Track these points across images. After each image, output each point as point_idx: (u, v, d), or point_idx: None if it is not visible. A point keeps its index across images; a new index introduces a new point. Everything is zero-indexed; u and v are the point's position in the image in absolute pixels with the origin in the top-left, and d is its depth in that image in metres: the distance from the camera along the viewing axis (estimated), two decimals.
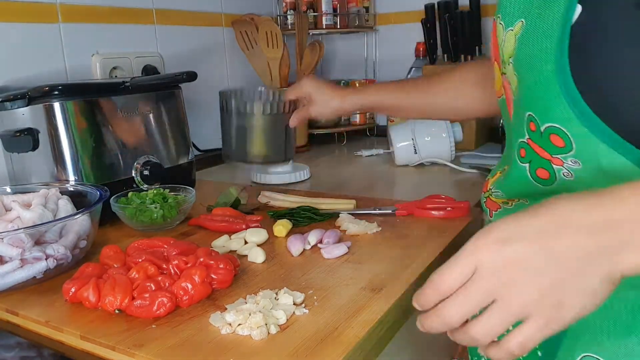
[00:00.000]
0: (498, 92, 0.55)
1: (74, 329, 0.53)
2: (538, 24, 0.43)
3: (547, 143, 0.44)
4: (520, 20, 0.45)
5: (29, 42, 0.96)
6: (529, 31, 0.44)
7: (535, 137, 0.45)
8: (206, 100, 1.37)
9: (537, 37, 0.43)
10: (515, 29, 0.46)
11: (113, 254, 0.66)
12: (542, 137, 0.44)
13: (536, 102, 0.43)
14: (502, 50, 0.49)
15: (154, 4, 1.19)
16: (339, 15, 1.54)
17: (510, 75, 0.48)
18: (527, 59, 0.44)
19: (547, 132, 0.43)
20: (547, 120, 0.43)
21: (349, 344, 0.49)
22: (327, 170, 1.25)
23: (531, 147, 0.46)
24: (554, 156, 0.44)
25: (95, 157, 0.85)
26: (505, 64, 0.49)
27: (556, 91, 0.41)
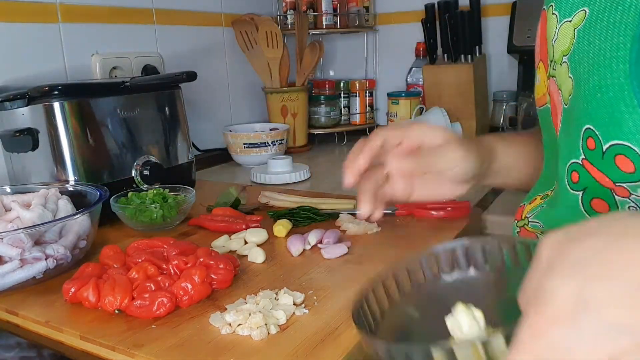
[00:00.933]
0: (539, 100, 0.47)
1: (74, 329, 0.53)
2: (609, 14, 0.35)
3: (610, 166, 0.35)
4: (583, 9, 0.37)
5: (28, 42, 0.96)
6: (595, 23, 0.36)
7: (593, 157, 0.36)
8: (206, 100, 1.37)
9: (606, 30, 0.35)
10: (575, 20, 0.38)
11: (113, 254, 0.66)
12: (604, 158, 0.35)
13: (600, 111, 0.35)
14: (552, 46, 0.41)
15: (154, 4, 1.19)
16: (339, 15, 1.54)
17: (562, 77, 0.40)
18: (592, 57, 0.36)
19: (611, 151, 0.35)
20: (612, 136, 0.34)
21: (349, 344, 0.49)
22: (327, 170, 1.25)
23: (587, 171, 0.38)
24: (618, 184, 0.36)
25: (95, 157, 0.85)
26: (556, 63, 0.41)
27: (629, 99, 0.33)
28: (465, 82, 1.35)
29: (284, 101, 1.43)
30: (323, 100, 1.55)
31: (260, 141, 1.29)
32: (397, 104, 1.44)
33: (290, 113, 1.44)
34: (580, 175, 0.39)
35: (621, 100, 0.33)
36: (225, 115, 1.45)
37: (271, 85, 1.45)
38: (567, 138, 0.40)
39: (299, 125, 1.46)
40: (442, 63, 1.40)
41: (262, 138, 1.29)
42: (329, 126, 1.57)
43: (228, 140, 1.31)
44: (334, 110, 1.57)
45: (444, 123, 1.19)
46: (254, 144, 1.28)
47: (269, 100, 1.46)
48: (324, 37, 1.68)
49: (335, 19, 1.54)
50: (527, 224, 0.50)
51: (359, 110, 1.62)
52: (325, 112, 1.55)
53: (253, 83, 1.51)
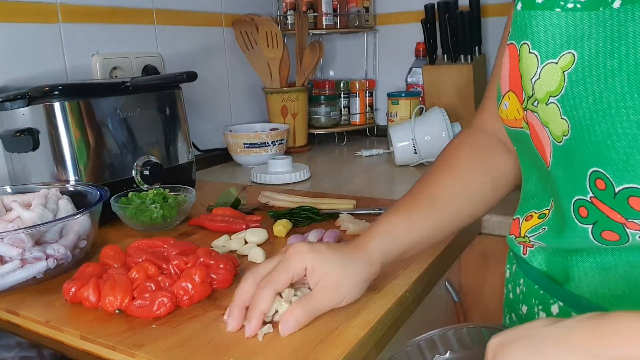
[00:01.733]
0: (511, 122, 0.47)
1: (74, 329, 0.53)
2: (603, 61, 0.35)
3: (623, 206, 0.37)
4: (570, 52, 0.37)
5: (29, 42, 0.96)
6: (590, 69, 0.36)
7: (604, 197, 0.38)
8: (206, 100, 1.37)
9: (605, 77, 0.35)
10: (562, 62, 0.38)
11: (113, 254, 0.66)
12: (616, 199, 0.37)
13: (612, 158, 0.36)
14: (532, 85, 0.41)
15: (154, 4, 1.19)
16: (339, 15, 1.54)
17: (550, 116, 0.40)
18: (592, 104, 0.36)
19: (624, 193, 0.36)
20: (627, 180, 0.35)
21: (349, 344, 0.49)
22: (327, 170, 1.25)
23: (597, 208, 0.39)
24: (631, 220, 0.37)
25: (95, 157, 0.86)
26: (539, 101, 0.41)
27: None
28: (465, 82, 1.35)
29: (284, 101, 1.43)
30: (323, 100, 1.56)
31: (260, 141, 1.29)
32: (397, 104, 1.44)
33: (290, 113, 1.44)
34: (589, 211, 0.40)
35: (635, 148, 0.34)
36: (225, 115, 1.45)
37: (271, 86, 1.45)
38: (567, 174, 0.40)
39: (299, 125, 1.46)
40: (442, 63, 1.40)
41: (262, 138, 1.29)
42: (329, 126, 1.57)
43: (228, 140, 1.31)
44: (334, 110, 1.57)
45: (444, 123, 1.20)
46: (254, 144, 1.29)
47: (269, 100, 1.46)
48: (324, 37, 1.68)
49: (335, 19, 1.54)
50: (528, 241, 0.51)
51: (359, 111, 1.62)
52: (325, 112, 1.55)
53: (253, 83, 1.51)
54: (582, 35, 0.36)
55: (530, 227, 0.50)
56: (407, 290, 0.60)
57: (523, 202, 0.53)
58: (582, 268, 0.45)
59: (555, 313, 0.48)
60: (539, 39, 0.39)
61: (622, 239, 0.39)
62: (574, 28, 0.38)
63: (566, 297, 0.47)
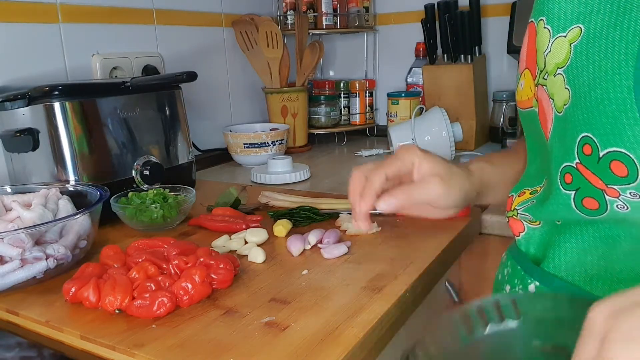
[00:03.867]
0: (523, 102, 0.50)
1: (74, 329, 0.53)
2: (607, 33, 0.38)
3: (605, 171, 0.38)
4: (578, 26, 0.40)
5: (29, 42, 0.96)
6: (593, 40, 0.39)
7: (589, 162, 0.39)
8: (206, 100, 1.37)
9: (605, 48, 0.37)
10: (570, 35, 0.40)
11: (113, 254, 0.66)
12: (600, 163, 0.39)
13: (601, 122, 0.38)
14: (545, 58, 0.44)
15: (154, 4, 1.19)
16: (339, 15, 1.54)
17: (556, 87, 0.42)
18: (592, 72, 0.38)
19: (607, 157, 0.38)
20: (612, 144, 0.37)
21: (349, 344, 0.49)
22: (327, 170, 1.25)
23: (581, 173, 0.41)
24: (610, 186, 0.39)
25: (95, 157, 0.86)
26: (548, 74, 0.43)
27: (632, 111, 0.36)
28: (465, 82, 1.35)
29: (284, 101, 1.43)
30: (323, 100, 1.56)
31: (260, 141, 1.29)
32: (397, 104, 1.45)
33: (290, 113, 1.44)
34: (573, 177, 0.42)
35: (623, 112, 0.36)
36: (225, 115, 1.45)
37: (271, 86, 1.45)
38: (560, 143, 0.43)
39: (299, 125, 1.46)
40: (442, 63, 1.40)
41: (262, 138, 1.29)
42: (329, 126, 1.57)
43: (228, 140, 1.31)
44: (334, 110, 1.57)
45: (444, 123, 1.20)
46: (254, 144, 1.29)
47: (269, 100, 1.46)
48: (324, 37, 1.69)
49: (335, 19, 1.54)
50: (516, 215, 0.54)
51: (359, 111, 1.62)
52: (325, 112, 1.55)
53: (253, 83, 1.51)
54: (591, 11, 0.39)
55: (521, 201, 0.53)
56: (407, 290, 0.60)
57: (520, 182, 0.56)
58: (563, 248, 0.47)
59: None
60: (553, 14, 0.42)
61: (601, 207, 0.41)
62: (585, 5, 0.40)
63: (542, 276, 0.49)
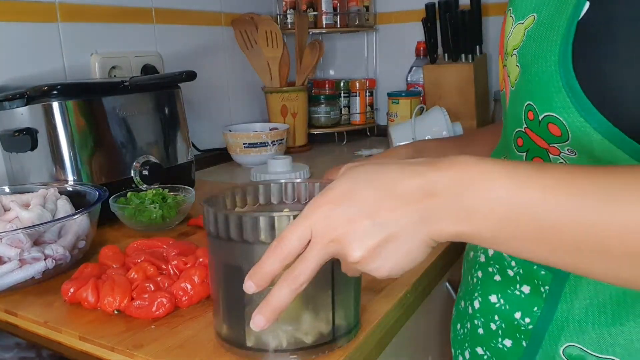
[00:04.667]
0: (500, 85, 0.57)
1: (73, 330, 0.53)
2: (549, 19, 0.44)
3: (545, 132, 0.45)
4: (533, 15, 0.46)
5: (27, 41, 0.96)
6: (541, 26, 0.45)
7: (533, 125, 0.46)
8: (206, 100, 1.37)
9: (546, 31, 0.44)
10: (526, 22, 0.47)
11: (112, 255, 0.66)
12: (540, 126, 0.45)
13: (537, 92, 0.44)
14: (507, 42, 0.50)
15: (153, 3, 1.19)
16: (339, 14, 1.54)
17: (511, 66, 0.49)
18: (534, 51, 0.45)
19: (545, 121, 0.44)
20: (546, 109, 0.44)
21: (349, 345, 0.48)
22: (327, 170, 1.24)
23: (529, 136, 0.47)
24: (551, 145, 0.45)
25: (94, 157, 0.85)
26: (507, 55, 0.50)
27: (557, 81, 0.42)
28: (465, 82, 1.35)
29: (283, 101, 1.43)
30: (323, 100, 1.55)
31: (260, 141, 1.28)
32: (398, 103, 1.44)
33: (290, 113, 1.44)
34: (524, 140, 0.48)
35: (552, 82, 0.42)
36: (225, 115, 1.45)
37: (271, 85, 1.45)
38: (513, 112, 0.49)
39: (298, 125, 1.46)
40: (443, 62, 1.40)
41: (262, 138, 1.29)
42: (329, 126, 1.56)
43: (228, 140, 1.31)
44: (334, 110, 1.56)
45: (444, 123, 1.19)
46: (253, 144, 1.28)
47: (268, 100, 1.46)
48: (324, 36, 1.68)
49: (335, 18, 1.54)
50: None
51: (359, 110, 1.61)
52: (325, 112, 1.55)
53: (253, 83, 1.51)
54: (544, 2, 0.46)
55: None
56: (408, 290, 0.60)
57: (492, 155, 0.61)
58: None
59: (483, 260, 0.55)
60: (517, 5, 0.49)
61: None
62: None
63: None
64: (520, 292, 0.50)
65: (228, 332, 0.47)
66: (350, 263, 0.37)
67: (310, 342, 0.45)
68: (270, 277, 0.39)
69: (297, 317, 0.44)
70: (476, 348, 0.55)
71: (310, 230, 0.38)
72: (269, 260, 0.39)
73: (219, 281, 0.47)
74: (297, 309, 0.44)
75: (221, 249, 0.46)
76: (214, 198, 0.52)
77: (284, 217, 0.42)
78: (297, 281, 0.38)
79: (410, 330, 0.64)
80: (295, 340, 0.45)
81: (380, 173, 0.37)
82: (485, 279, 0.55)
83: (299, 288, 0.38)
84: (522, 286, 0.50)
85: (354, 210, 0.36)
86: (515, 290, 0.50)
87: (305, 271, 0.38)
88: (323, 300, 0.45)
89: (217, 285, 0.48)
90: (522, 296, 0.50)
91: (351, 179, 0.38)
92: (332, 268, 0.40)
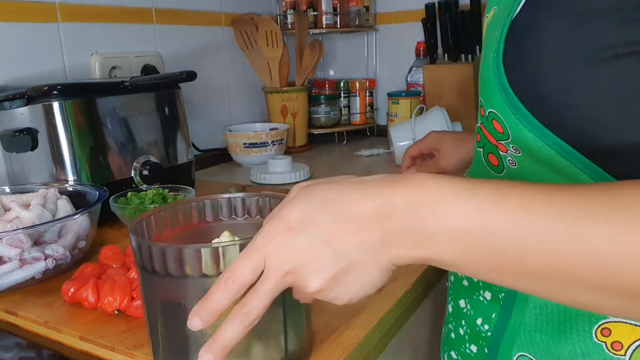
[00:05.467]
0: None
1: (73, 330, 0.53)
2: (500, 14, 0.43)
3: (491, 128, 0.44)
4: (494, 7, 0.46)
5: (28, 41, 0.96)
6: (493, 20, 0.45)
7: (484, 121, 0.45)
8: (206, 100, 1.37)
9: (495, 26, 0.43)
10: (489, 16, 0.47)
11: (112, 254, 0.66)
12: (488, 122, 0.44)
13: (482, 88, 0.44)
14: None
15: (153, 3, 1.19)
16: (339, 14, 1.54)
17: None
18: (485, 47, 0.45)
19: (490, 116, 0.44)
20: (489, 105, 0.43)
21: (350, 345, 0.48)
22: (327, 170, 1.24)
23: (483, 132, 0.47)
24: (499, 142, 0.44)
25: (94, 157, 0.85)
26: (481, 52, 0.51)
27: (494, 78, 0.41)
28: (465, 82, 1.35)
29: (283, 101, 1.43)
30: (323, 100, 1.55)
31: (260, 141, 1.28)
32: (397, 103, 1.44)
33: (290, 113, 1.44)
34: (480, 135, 0.48)
35: (491, 79, 0.42)
36: (225, 115, 1.45)
37: (271, 85, 1.45)
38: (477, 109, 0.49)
39: (299, 125, 1.46)
40: (443, 62, 1.40)
41: (262, 138, 1.29)
42: (329, 126, 1.56)
43: (228, 140, 1.31)
44: (334, 110, 1.56)
45: (444, 123, 1.19)
46: (253, 144, 1.28)
47: (268, 100, 1.46)
48: (324, 36, 1.68)
49: (335, 18, 1.54)
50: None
51: (359, 110, 1.61)
52: (325, 112, 1.55)
53: (253, 83, 1.51)
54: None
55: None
56: (408, 290, 0.60)
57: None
58: None
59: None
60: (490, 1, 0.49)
61: (500, 163, 0.45)
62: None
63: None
64: (484, 298, 0.49)
65: None
66: (308, 294, 0.35)
67: None
68: (219, 312, 0.36)
69: (247, 350, 0.41)
70: (451, 352, 0.55)
71: (264, 262, 0.35)
72: (217, 294, 0.35)
73: (155, 318, 0.43)
74: (246, 341, 0.40)
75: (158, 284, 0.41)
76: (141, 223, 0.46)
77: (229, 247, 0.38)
78: (248, 317, 0.35)
79: (410, 330, 0.64)
80: None
81: (335, 194, 0.35)
82: (456, 283, 0.54)
83: (250, 324, 0.35)
84: (484, 292, 0.49)
85: (310, 238, 0.34)
86: (479, 296, 0.50)
87: (258, 307, 0.35)
88: (274, 327, 0.42)
89: (153, 322, 0.43)
90: (485, 302, 0.49)
91: (305, 203, 0.35)
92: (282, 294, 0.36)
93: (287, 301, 0.40)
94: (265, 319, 0.36)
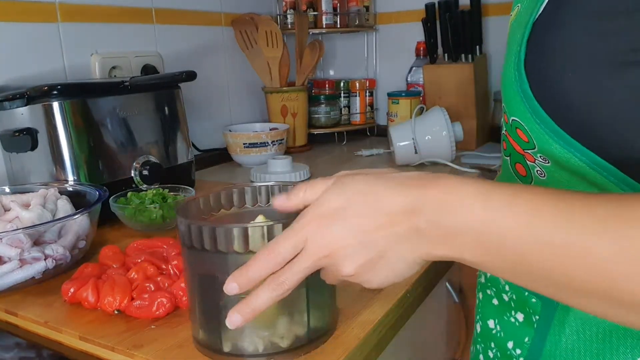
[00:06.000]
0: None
1: (73, 330, 0.53)
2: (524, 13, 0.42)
3: (516, 136, 0.43)
4: (518, 5, 0.44)
5: (28, 41, 0.96)
6: (518, 19, 0.43)
7: (509, 129, 0.44)
8: (206, 100, 1.37)
9: (518, 26, 0.42)
10: (513, 14, 0.45)
11: (112, 254, 0.66)
12: (512, 130, 0.43)
13: (504, 92, 0.44)
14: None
15: (153, 3, 1.19)
16: (339, 14, 1.54)
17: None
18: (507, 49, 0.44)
19: (513, 125, 0.43)
20: (511, 113, 0.42)
21: (350, 345, 0.48)
22: (327, 170, 1.24)
23: (508, 140, 0.46)
24: (525, 151, 0.43)
25: (94, 157, 0.85)
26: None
27: (515, 85, 0.40)
28: (465, 82, 1.35)
29: (283, 101, 1.43)
30: (323, 100, 1.55)
31: (260, 141, 1.28)
32: (398, 103, 1.44)
33: (290, 113, 1.44)
34: (507, 144, 0.47)
35: (511, 85, 0.41)
36: (225, 115, 1.45)
37: (271, 85, 1.45)
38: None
39: (299, 125, 1.46)
40: (443, 62, 1.40)
41: (262, 138, 1.29)
42: (329, 126, 1.56)
43: (228, 140, 1.31)
44: (334, 110, 1.56)
45: (444, 123, 1.19)
46: (253, 144, 1.28)
47: (268, 100, 1.46)
48: (324, 36, 1.68)
49: (335, 18, 1.54)
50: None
51: (359, 110, 1.61)
52: (325, 112, 1.55)
53: (253, 83, 1.51)
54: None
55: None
56: (408, 290, 0.60)
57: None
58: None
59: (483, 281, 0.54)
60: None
61: (528, 173, 0.44)
62: None
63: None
64: (515, 320, 0.47)
65: (205, 338, 0.47)
66: (341, 276, 0.38)
67: (286, 345, 0.45)
68: (257, 281, 0.39)
69: (273, 322, 0.45)
70: None
71: (304, 242, 0.38)
72: (258, 264, 0.39)
73: (194, 289, 0.47)
74: (273, 313, 0.44)
75: (196, 258, 0.46)
76: (187, 206, 0.52)
77: (257, 227, 0.42)
78: (281, 288, 0.38)
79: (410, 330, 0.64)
80: (272, 344, 0.45)
81: (370, 187, 0.37)
82: (485, 302, 0.53)
83: (282, 295, 0.39)
84: (516, 313, 0.47)
85: (345, 227, 0.37)
86: (510, 317, 0.48)
87: (292, 279, 0.38)
88: (298, 303, 0.45)
89: (192, 292, 0.48)
90: (517, 324, 0.47)
91: (342, 193, 0.38)
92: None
93: (310, 281, 0.43)
94: (292, 296, 0.40)
